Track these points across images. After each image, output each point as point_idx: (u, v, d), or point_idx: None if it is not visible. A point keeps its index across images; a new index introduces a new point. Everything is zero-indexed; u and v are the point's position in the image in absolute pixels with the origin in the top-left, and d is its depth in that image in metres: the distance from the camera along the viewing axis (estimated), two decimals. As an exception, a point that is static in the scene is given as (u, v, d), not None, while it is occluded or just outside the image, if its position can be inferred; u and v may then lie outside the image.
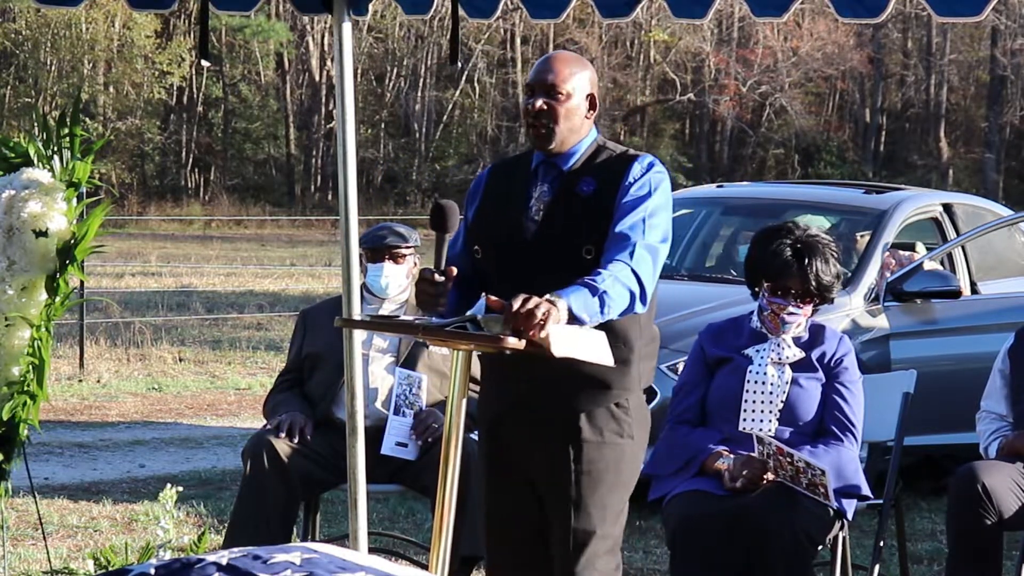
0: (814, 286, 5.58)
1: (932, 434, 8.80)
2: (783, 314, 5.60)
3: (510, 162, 4.83)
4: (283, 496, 5.99)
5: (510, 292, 4.19)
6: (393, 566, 3.21)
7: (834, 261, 5.63)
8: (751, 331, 5.69)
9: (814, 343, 5.67)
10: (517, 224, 4.54)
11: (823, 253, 5.60)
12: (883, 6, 5.07)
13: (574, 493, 4.52)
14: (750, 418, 5.59)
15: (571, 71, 4.54)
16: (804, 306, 5.61)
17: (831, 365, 5.64)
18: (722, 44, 47.31)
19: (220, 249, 30.48)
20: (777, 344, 5.64)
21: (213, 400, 12.97)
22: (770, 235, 5.68)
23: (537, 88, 4.53)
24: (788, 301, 5.59)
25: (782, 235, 5.64)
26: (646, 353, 4.58)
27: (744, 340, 5.69)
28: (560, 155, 4.57)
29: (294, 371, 6.41)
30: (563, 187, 4.54)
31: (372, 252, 6.35)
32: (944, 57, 48.17)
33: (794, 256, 5.58)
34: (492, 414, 4.62)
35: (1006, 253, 10.42)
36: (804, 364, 5.63)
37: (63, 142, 5.52)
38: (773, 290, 5.60)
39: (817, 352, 5.65)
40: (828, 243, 5.66)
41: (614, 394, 4.53)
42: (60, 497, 8.71)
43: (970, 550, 5.86)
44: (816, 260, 5.57)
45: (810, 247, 5.60)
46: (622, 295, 4.28)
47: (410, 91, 47.30)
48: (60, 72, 43.41)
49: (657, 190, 4.48)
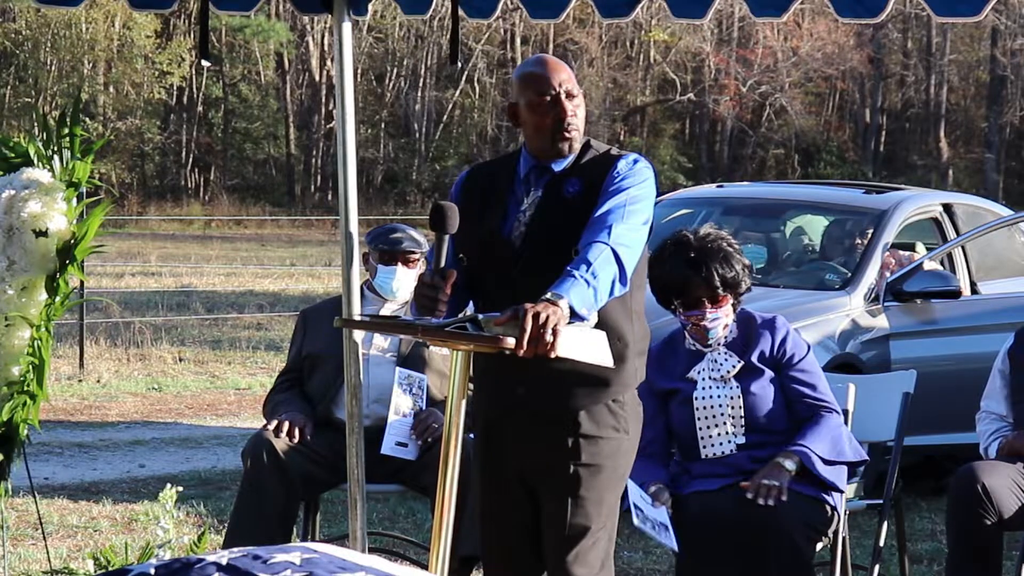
0: (719, 287, 5.49)
1: (932, 434, 8.80)
2: (703, 323, 5.52)
3: (491, 165, 4.85)
4: (283, 496, 5.99)
5: (500, 296, 4.22)
6: (393, 566, 3.21)
7: (733, 253, 5.51)
8: (686, 351, 5.62)
9: (748, 339, 5.58)
10: (507, 229, 4.56)
11: (719, 252, 5.49)
12: (882, 6, 5.07)
13: (572, 487, 4.54)
14: (709, 444, 5.54)
15: (571, 74, 4.59)
16: (719, 307, 5.52)
17: (777, 355, 5.57)
18: (722, 44, 47.32)
19: (220, 249, 30.48)
20: (713, 360, 5.56)
21: (213, 400, 12.97)
22: (664, 252, 5.56)
23: (560, 94, 4.54)
24: (702, 310, 5.51)
25: (676, 249, 5.53)
26: (640, 349, 4.61)
27: (683, 363, 5.61)
28: (553, 159, 4.59)
29: (294, 371, 6.42)
30: (552, 189, 4.56)
31: (385, 255, 6.35)
32: (944, 57, 48.19)
33: (691, 267, 5.47)
34: (489, 415, 4.63)
35: (1006, 253, 10.42)
36: (747, 370, 5.56)
37: (63, 142, 5.52)
38: (685, 305, 5.52)
39: (756, 350, 5.57)
40: (721, 240, 5.54)
41: (612, 391, 4.55)
42: (60, 497, 8.71)
43: (970, 550, 5.86)
44: (713, 263, 5.46)
45: (704, 252, 5.48)
46: (607, 280, 4.29)
47: (410, 91, 47.31)
48: (60, 72, 43.41)
49: (641, 182, 4.50)
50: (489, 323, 4.18)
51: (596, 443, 4.54)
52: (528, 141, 4.63)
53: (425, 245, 6.37)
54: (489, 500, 4.71)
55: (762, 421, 5.54)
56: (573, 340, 4.16)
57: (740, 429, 5.54)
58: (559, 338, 4.10)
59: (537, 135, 4.57)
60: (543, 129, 4.55)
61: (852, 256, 9.51)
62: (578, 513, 4.55)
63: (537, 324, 4.08)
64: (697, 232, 5.58)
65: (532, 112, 4.55)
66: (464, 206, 4.55)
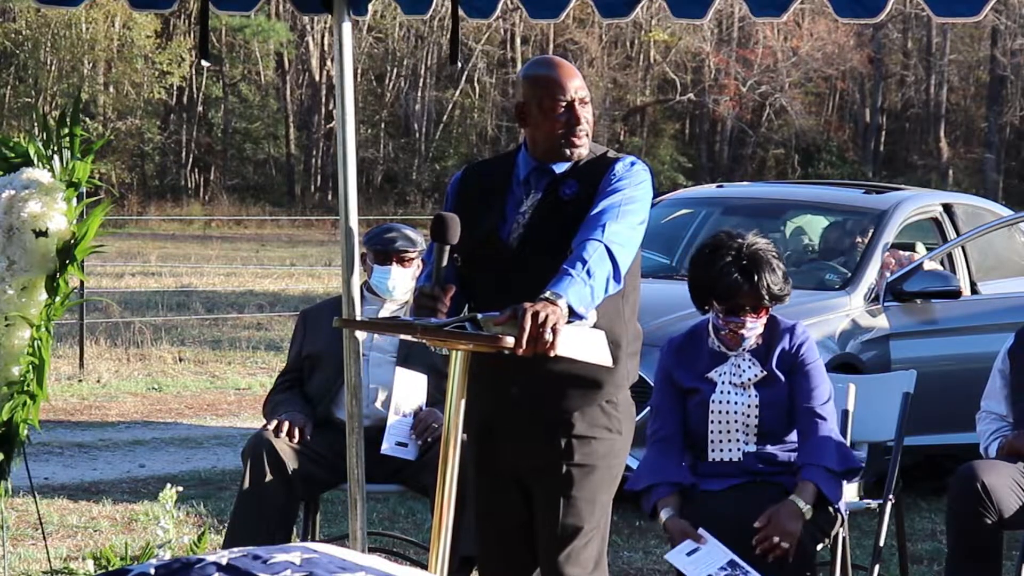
0: (767, 298, 5.44)
1: (932, 434, 8.80)
2: (741, 331, 5.47)
3: (486, 165, 4.83)
4: (283, 496, 5.99)
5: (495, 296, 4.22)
6: (393, 566, 3.21)
7: (779, 265, 5.46)
8: (710, 351, 5.56)
9: (771, 345, 5.52)
10: (505, 231, 4.55)
11: (769, 263, 5.42)
12: (882, 6, 5.07)
13: (565, 487, 4.54)
14: (718, 448, 5.51)
15: (581, 76, 4.58)
16: (760, 317, 5.48)
17: (790, 361, 5.51)
18: (722, 44, 47.31)
19: (220, 249, 30.47)
20: (736, 365, 5.51)
21: (213, 400, 12.96)
22: (711, 254, 5.48)
23: (575, 98, 4.51)
24: (744, 318, 5.45)
25: (724, 252, 5.45)
26: (632, 351, 4.62)
27: (705, 361, 5.55)
28: (555, 161, 4.57)
29: (294, 371, 6.42)
30: (551, 191, 4.55)
31: (380, 254, 6.35)
32: (944, 57, 48.17)
33: (742, 274, 5.40)
34: (483, 415, 4.62)
35: (1006, 253, 10.43)
36: (767, 379, 5.51)
37: (63, 142, 5.53)
38: (727, 311, 5.45)
39: (776, 357, 5.51)
40: (770, 250, 5.50)
41: (606, 392, 4.55)
42: (60, 497, 8.71)
43: (970, 550, 5.86)
44: (765, 273, 5.40)
45: (755, 261, 5.42)
46: (602, 278, 4.29)
47: (410, 91, 47.30)
48: (60, 72, 43.40)
49: (637, 184, 4.49)
50: (488, 322, 4.18)
51: (589, 443, 4.55)
52: (532, 143, 4.59)
53: (421, 243, 6.36)
54: (484, 500, 4.71)
55: (775, 429, 5.51)
56: (572, 339, 4.16)
57: (752, 437, 5.50)
58: (558, 337, 4.10)
59: (546, 139, 4.54)
60: (553, 134, 4.52)
61: (852, 256, 9.51)
62: (570, 513, 4.55)
63: (536, 323, 4.08)
64: (746, 238, 5.49)
65: (544, 116, 4.52)
66: (460, 207, 4.54)
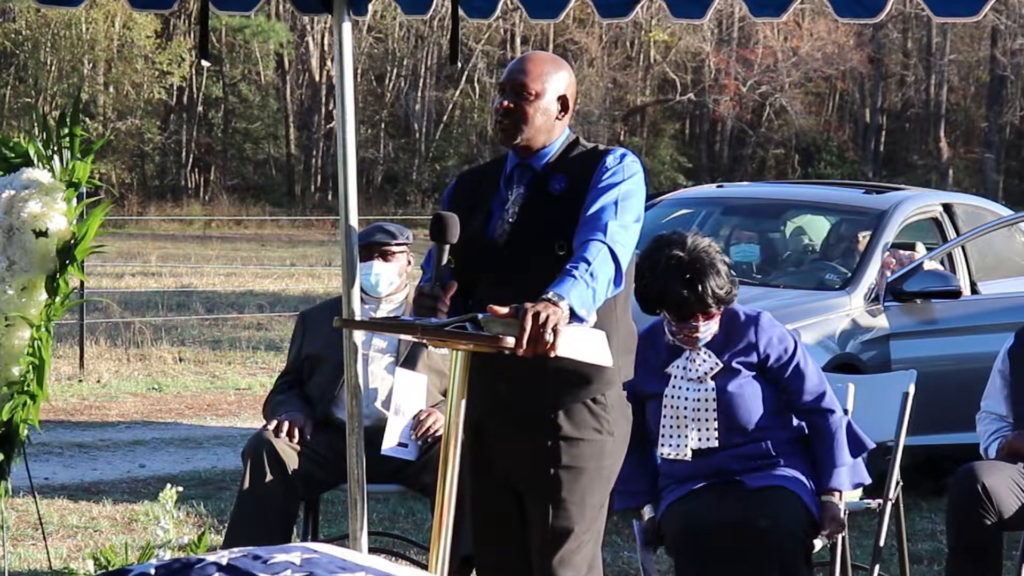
0: (713, 303, 5.40)
1: (932, 434, 8.80)
2: (696, 335, 5.45)
3: (477, 171, 4.85)
4: (283, 496, 5.99)
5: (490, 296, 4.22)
6: (393, 566, 3.21)
7: (722, 265, 5.41)
8: (666, 345, 5.53)
9: (730, 337, 5.48)
10: (491, 228, 4.55)
11: (713, 266, 5.38)
12: (881, 6, 5.07)
13: (554, 490, 4.51)
14: (669, 443, 5.48)
15: (543, 71, 4.51)
16: (711, 319, 5.45)
17: (762, 357, 5.47)
18: (722, 44, 47.33)
19: (220, 249, 30.48)
20: (691, 359, 5.48)
21: (213, 400, 12.97)
22: (655, 262, 5.40)
23: (507, 87, 4.52)
24: (696, 323, 5.44)
25: (668, 263, 5.38)
26: (625, 347, 4.58)
27: (663, 356, 5.52)
28: (533, 156, 4.55)
29: (294, 372, 6.42)
30: (535, 186, 4.54)
31: (362, 251, 6.35)
32: (944, 57, 48.18)
33: (687, 287, 5.36)
34: (474, 415, 4.61)
35: (1006, 253, 10.42)
36: (724, 371, 5.47)
37: (63, 142, 5.53)
38: (678, 319, 5.44)
39: (736, 349, 5.47)
40: (712, 251, 5.44)
41: (592, 389, 4.51)
42: (60, 497, 8.71)
43: (970, 550, 5.86)
44: (709, 279, 5.36)
45: (698, 268, 5.37)
46: (604, 280, 4.27)
47: (410, 91, 47.32)
48: (60, 72, 43.41)
49: (630, 177, 4.46)
50: (489, 323, 4.18)
51: (577, 445, 4.51)
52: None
53: (402, 236, 6.36)
54: (480, 501, 4.70)
55: (741, 419, 5.46)
56: (573, 340, 4.16)
57: (711, 432, 5.46)
58: (559, 338, 4.10)
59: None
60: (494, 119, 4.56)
61: (852, 256, 9.51)
62: (560, 516, 4.52)
63: (537, 323, 4.07)
64: (685, 243, 5.43)
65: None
66: (453, 211, 4.54)
